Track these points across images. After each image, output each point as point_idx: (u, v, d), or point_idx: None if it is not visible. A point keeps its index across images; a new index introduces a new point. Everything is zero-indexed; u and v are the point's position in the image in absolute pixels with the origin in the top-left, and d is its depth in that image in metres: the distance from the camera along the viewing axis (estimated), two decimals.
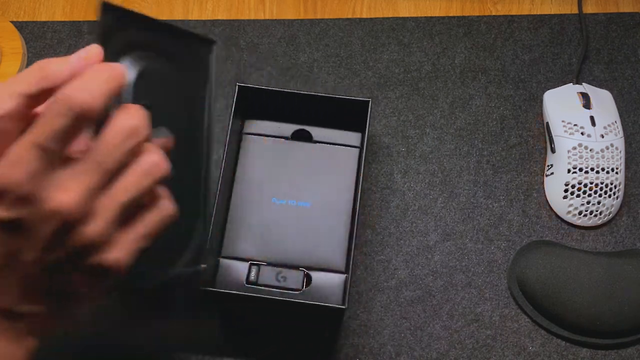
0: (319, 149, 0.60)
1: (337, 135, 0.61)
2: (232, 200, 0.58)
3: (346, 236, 0.57)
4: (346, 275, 0.56)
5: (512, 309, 0.61)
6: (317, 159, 0.60)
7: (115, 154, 0.30)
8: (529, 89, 0.67)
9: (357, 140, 0.61)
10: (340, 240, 0.57)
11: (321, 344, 0.59)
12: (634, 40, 0.69)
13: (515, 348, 0.59)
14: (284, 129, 0.61)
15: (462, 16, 0.70)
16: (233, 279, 0.56)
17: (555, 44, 0.69)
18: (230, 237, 0.57)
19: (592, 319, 0.57)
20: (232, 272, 0.56)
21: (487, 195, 0.64)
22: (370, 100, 0.57)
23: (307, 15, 0.70)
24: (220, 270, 0.56)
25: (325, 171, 0.59)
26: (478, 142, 0.65)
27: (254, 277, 0.56)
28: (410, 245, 0.62)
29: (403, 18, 0.70)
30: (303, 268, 0.56)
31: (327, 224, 0.57)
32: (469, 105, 0.67)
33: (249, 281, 0.56)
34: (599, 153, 0.61)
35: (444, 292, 0.61)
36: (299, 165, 0.59)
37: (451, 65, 0.68)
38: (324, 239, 0.57)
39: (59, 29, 0.69)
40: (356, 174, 0.59)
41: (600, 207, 0.62)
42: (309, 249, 0.57)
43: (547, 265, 0.59)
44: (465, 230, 0.63)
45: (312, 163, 0.60)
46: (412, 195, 0.64)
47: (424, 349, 0.59)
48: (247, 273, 0.56)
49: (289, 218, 0.58)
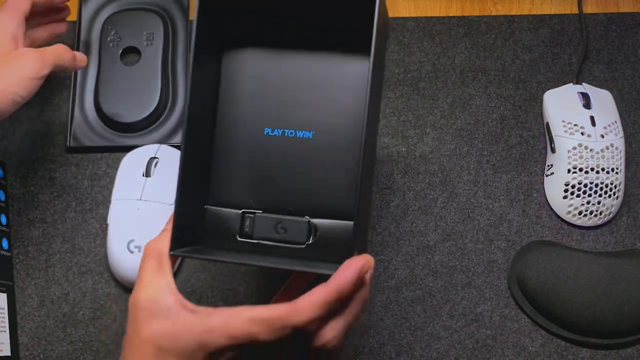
0: (322, 59, 0.46)
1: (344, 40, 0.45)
2: (216, 134, 0.47)
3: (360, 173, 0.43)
4: (354, 223, 0.42)
5: (512, 309, 0.61)
6: (319, 74, 0.46)
7: (361, 304, 0.40)
8: (529, 89, 0.67)
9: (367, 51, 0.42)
10: (352, 179, 0.45)
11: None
12: (634, 40, 0.69)
13: (515, 348, 0.59)
14: (275, 39, 0.47)
15: (462, 16, 0.70)
16: (223, 231, 0.46)
17: (555, 44, 0.69)
18: (217, 180, 0.46)
19: (592, 319, 0.57)
20: (221, 222, 0.46)
21: (487, 195, 0.64)
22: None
23: None
24: (208, 220, 0.46)
25: (330, 91, 0.46)
26: (478, 142, 0.65)
27: (249, 228, 0.46)
28: (410, 245, 0.62)
29: (403, 18, 0.69)
30: (307, 216, 0.46)
31: (334, 158, 0.45)
32: (469, 105, 0.67)
33: (243, 234, 0.46)
34: (599, 153, 0.61)
35: (444, 292, 0.61)
36: (297, 84, 0.46)
37: (451, 65, 0.68)
38: (332, 179, 0.45)
39: None
40: (369, 92, 0.42)
41: (600, 207, 0.62)
42: (313, 192, 0.46)
43: (547, 265, 0.59)
44: (465, 230, 0.63)
45: (313, 80, 0.46)
46: (412, 195, 0.64)
47: (424, 349, 0.59)
48: (239, 224, 0.46)
49: (286, 153, 0.46)
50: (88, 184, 0.64)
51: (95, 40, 0.67)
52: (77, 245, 0.62)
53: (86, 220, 0.63)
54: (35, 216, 0.63)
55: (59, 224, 0.63)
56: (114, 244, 0.59)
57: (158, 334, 0.39)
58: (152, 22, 0.67)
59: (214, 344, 0.38)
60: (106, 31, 0.67)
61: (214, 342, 0.38)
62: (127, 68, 0.66)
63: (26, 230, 0.62)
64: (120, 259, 0.59)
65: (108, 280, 0.61)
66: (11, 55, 0.52)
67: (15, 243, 0.62)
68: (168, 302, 0.39)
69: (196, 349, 0.38)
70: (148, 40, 0.66)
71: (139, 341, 0.39)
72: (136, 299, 0.40)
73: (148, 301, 0.39)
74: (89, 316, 0.60)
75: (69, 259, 0.62)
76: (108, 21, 0.67)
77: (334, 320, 0.39)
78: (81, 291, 0.61)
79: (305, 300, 0.37)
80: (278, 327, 0.37)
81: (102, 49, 0.66)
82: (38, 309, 0.60)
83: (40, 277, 0.61)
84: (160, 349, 0.38)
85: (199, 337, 0.38)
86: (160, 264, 0.41)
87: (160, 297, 0.39)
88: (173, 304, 0.39)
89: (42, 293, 0.61)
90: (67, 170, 0.64)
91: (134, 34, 0.67)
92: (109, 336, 0.60)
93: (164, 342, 0.38)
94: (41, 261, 0.61)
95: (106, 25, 0.67)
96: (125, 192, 0.60)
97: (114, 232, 0.59)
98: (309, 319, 0.37)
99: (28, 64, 0.52)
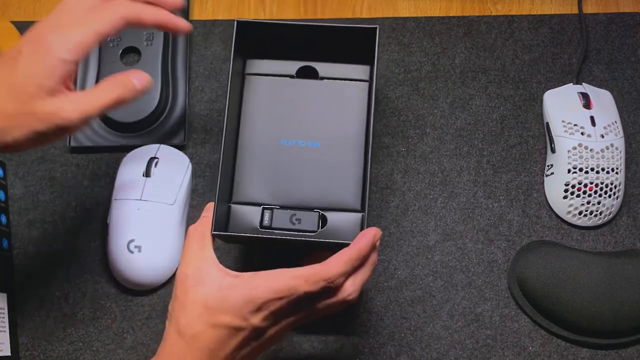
0: (325, 85, 0.57)
1: (344, 70, 0.58)
2: (239, 145, 0.56)
3: (360, 174, 0.55)
4: (362, 213, 0.54)
5: (512, 309, 0.61)
6: (324, 96, 0.57)
7: (372, 265, 0.49)
8: (529, 89, 0.67)
9: (365, 74, 0.58)
10: (354, 178, 0.55)
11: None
12: (634, 40, 0.69)
13: (515, 348, 0.59)
14: (288, 67, 0.58)
15: (462, 16, 0.70)
16: (246, 224, 0.54)
17: (555, 44, 0.69)
18: (240, 182, 0.55)
19: (592, 319, 0.57)
20: (244, 217, 0.54)
21: (487, 195, 0.64)
22: (377, 27, 0.54)
23: (307, 15, 0.70)
24: (233, 216, 0.55)
25: (333, 108, 0.57)
26: (478, 142, 0.65)
27: (268, 221, 0.54)
28: (410, 245, 0.62)
29: (403, 18, 0.69)
30: (317, 209, 0.55)
31: (338, 162, 0.55)
32: (469, 105, 0.67)
33: (263, 225, 0.54)
34: (599, 153, 0.61)
35: (444, 292, 0.61)
36: (306, 104, 0.57)
37: (451, 65, 0.68)
38: (337, 179, 0.55)
39: None
40: (367, 109, 0.56)
41: (600, 207, 0.62)
42: (322, 190, 0.55)
43: (547, 265, 0.59)
44: (465, 230, 0.63)
45: (319, 101, 0.57)
46: (412, 195, 0.64)
47: (424, 349, 0.59)
48: (260, 218, 0.54)
49: (299, 159, 0.55)
50: (88, 184, 0.64)
51: None
52: (77, 245, 0.62)
53: (86, 220, 0.63)
54: (35, 216, 0.63)
55: (59, 224, 0.63)
56: (114, 244, 0.59)
57: (207, 296, 0.45)
58: None
59: (260, 298, 0.44)
60: None
61: (259, 297, 0.44)
62: (127, 68, 0.66)
63: (26, 230, 0.62)
64: (120, 259, 0.59)
65: (108, 280, 0.61)
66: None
67: (15, 243, 0.62)
68: (213, 271, 0.46)
69: (243, 304, 0.44)
70: (148, 40, 0.67)
71: (190, 303, 0.45)
72: (185, 270, 0.46)
73: (195, 271, 0.46)
74: (89, 316, 0.60)
75: (69, 259, 0.62)
76: None
77: (352, 278, 0.47)
78: (81, 291, 0.61)
79: (335, 259, 0.46)
80: (314, 280, 0.45)
81: (102, 49, 0.66)
82: (38, 309, 0.60)
83: (40, 277, 0.61)
84: (209, 308, 0.44)
85: (245, 294, 0.44)
86: (203, 242, 0.48)
87: (206, 267, 0.46)
88: (217, 272, 0.46)
89: (42, 293, 0.61)
90: (67, 170, 0.64)
91: (134, 34, 0.67)
92: (109, 336, 0.60)
93: (212, 302, 0.45)
94: (41, 261, 0.61)
95: None
96: (125, 192, 0.60)
97: (114, 232, 0.59)
98: (338, 273, 0.45)
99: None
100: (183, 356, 0.45)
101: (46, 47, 0.45)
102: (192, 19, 0.70)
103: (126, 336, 0.60)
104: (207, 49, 0.68)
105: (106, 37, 0.46)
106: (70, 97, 0.46)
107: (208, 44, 0.68)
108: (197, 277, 0.46)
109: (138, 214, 0.59)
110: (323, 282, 0.45)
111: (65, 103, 0.45)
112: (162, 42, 0.66)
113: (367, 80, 0.57)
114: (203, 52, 0.68)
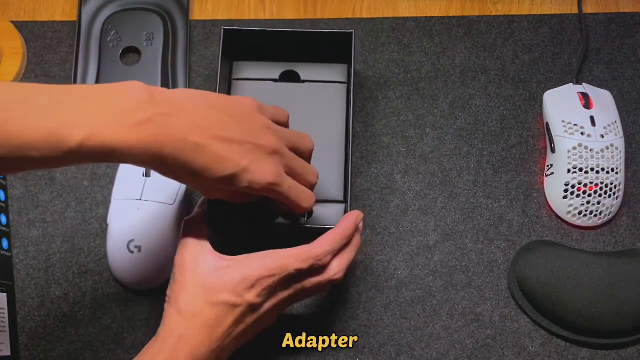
0: (307, 88, 0.61)
1: (325, 73, 0.61)
2: None
3: (341, 169, 0.59)
4: (345, 204, 0.57)
5: (512, 309, 0.61)
6: (306, 99, 0.60)
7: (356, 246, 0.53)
8: (529, 89, 0.67)
9: (344, 77, 0.61)
10: (336, 173, 0.58)
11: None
12: (634, 40, 0.69)
13: (515, 348, 0.59)
14: (272, 71, 0.61)
15: (462, 16, 0.70)
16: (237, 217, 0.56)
17: (555, 44, 0.69)
18: None
19: (592, 319, 0.57)
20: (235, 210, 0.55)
21: (487, 195, 0.64)
22: (353, 32, 0.59)
23: (307, 15, 0.70)
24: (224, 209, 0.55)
25: (315, 110, 0.60)
26: (478, 142, 0.65)
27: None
28: (410, 245, 0.62)
29: (403, 18, 0.70)
30: None
31: (322, 160, 0.58)
32: (469, 105, 0.67)
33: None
34: (599, 153, 0.61)
35: (444, 292, 0.61)
36: (290, 106, 0.57)
37: (451, 65, 0.68)
38: (321, 173, 0.56)
39: (59, 29, 0.69)
40: (346, 108, 0.60)
41: (600, 207, 0.62)
42: None
43: (547, 265, 0.59)
44: (465, 230, 0.63)
45: (301, 103, 0.60)
46: (412, 195, 0.64)
47: (424, 349, 0.59)
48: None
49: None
50: (88, 184, 0.64)
51: (95, 40, 0.67)
52: (77, 245, 0.62)
53: (86, 220, 0.63)
54: (35, 216, 0.63)
55: (59, 224, 0.63)
56: (114, 244, 0.59)
57: (205, 277, 0.48)
58: (152, 22, 0.67)
59: (254, 276, 0.48)
60: (106, 31, 0.67)
61: (253, 274, 0.48)
62: (127, 68, 0.66)
63: (26, 230, 0.62)
64: (120, 259, 0.59)
65: (108, 280, 0.61)
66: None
67: (15, 243, 0.62)
68: (209, 256, 0.49)
69: (239, 282, 0.48)
70: (148, 40, 0.67)
71: (189, 284, 0.48)
72: (183, 256, 0.50)
73: (193, 256, 0.49)
74: (89, 316, 0.60)
75: (69, 259, 0.62)
76: (108, 21, 0.67)
77: (338, 258, 0.51)
78: (81, 291, 0.61)
79: (321, 239, 0.50)
80: (303, 258, 0.49)
81: (102, 49, 0.66)
82: (38, 309, 0.60)
83: (40, 277, 0.61)
84: (208, 287, 0.48)
85: (240, 273, 0.48)
86: (199, 231, 0.51)
87: (202, 253, 0.50)
88: (213, 257, 0.49)
89: (42, 293, 0.61)
90: (67, 170, 0.64)
91: (134, 34, 0.67)
92: (109, 336, 0.60)
93: (210, 282, 0.48)
94: (41, 261, 0.61)
95: (106, 25, 0.67)
96: (125, 192, 0.60)
97: (114, 232, 0.59)
98: (325, 251, 0.50)
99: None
100: (184, 332, 0.47)
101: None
102: (192, 19, 0.70)
103: (126, 336, 0.60)
104: (207, 49, 0.68)
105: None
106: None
107: (208, 44, 0.68)
108: (194, 261, 0.49)
109: (138, 214, 0.59)
110: (312, 259, 0.49)
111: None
112: (162, 42, 0.66)
113: (346, 82, 0.61)
114: (203, 52, 0.68)
